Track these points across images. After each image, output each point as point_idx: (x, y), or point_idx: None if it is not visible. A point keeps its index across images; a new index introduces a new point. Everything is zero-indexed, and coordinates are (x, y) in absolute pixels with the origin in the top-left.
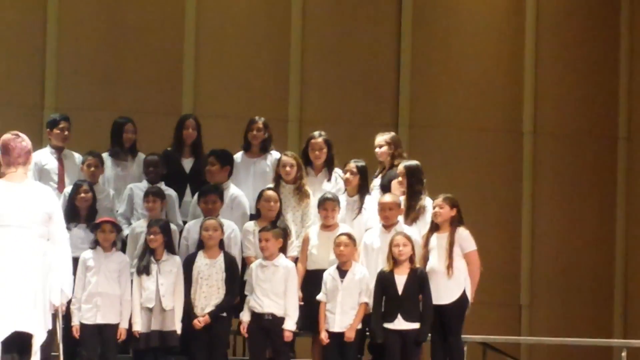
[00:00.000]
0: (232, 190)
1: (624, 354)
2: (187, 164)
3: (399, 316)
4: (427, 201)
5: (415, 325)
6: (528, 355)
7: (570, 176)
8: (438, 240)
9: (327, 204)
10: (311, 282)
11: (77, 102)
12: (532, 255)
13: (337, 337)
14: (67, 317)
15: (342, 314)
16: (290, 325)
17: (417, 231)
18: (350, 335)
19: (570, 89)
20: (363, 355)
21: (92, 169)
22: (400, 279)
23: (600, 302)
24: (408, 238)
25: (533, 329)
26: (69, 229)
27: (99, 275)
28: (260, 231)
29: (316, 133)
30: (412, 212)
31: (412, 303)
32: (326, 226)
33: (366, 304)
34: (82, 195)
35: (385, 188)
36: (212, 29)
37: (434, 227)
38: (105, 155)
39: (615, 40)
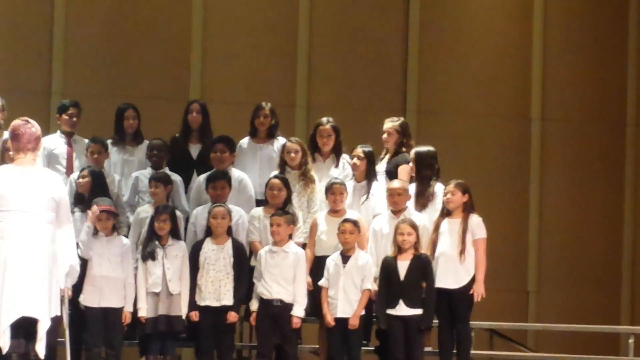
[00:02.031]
0: (237, 173)
1: (631, 340)
2: (195, 149)
3: (401, 302)
4: (437, 187)
5: (417, 311)
6: (535, 342)
7: (578, 163)
8: (450, 226)
9: (335, 189)
10: (319, 268)
11: (84, 88)
12: (539, 241)
13: (341, 323)
14: (73, 302)
15: (344, 299)
16: (298, 311)
17: (427, 217)
18: (354, 323)
19: (578, 76)
20: (370, 342)
21: (95, 155)
22: (403, 265)
23: (607, 288)
24: (412, 226)
25: (540, 315)
26: (72, 213)
27: (102, 260)
28: (272, 216)
29: (324, 119)
30: (422, 198)
31: (414, 289)
32: (334, 212)
33: (369, 290)
34: (80, 180)
35: (392, 174)
36: (220, 15)
37: (446, 212)
38: (110, 141)
39: (624, 26)
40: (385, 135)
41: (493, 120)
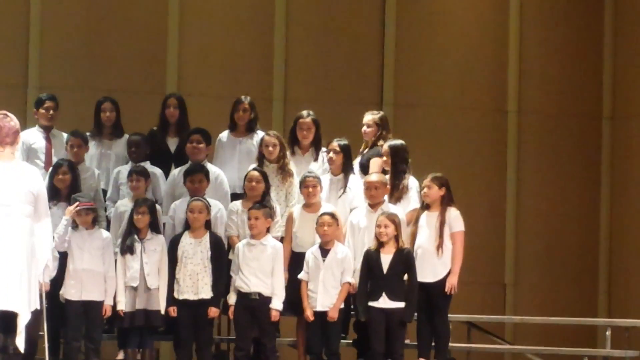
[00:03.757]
0: (213, 169)
1: (608, 333)
2: (173, 143)
3: (384, 295)
4: (410, 180)
5: (400, 305)
6: (512, 334)
7: (554, 155)
8: (428, 219)
9: (308, 182)
10: (295, 263)
11: (61, 81)
12: (516, 234)
13: (319, 316)
14: (52, 296)
15: (324, 293)
16: (277, 304)
17: (401, 210)
18: (334, 315)
19: (554, 68)
20: (348, 335)
21: (75, 149)
22: (386, 258)
23: (584, 281)
24: (391, 219)
25: (517, 308)
26: (49, 207)
27: (83, 253)
28: (250, 209)
29: (304, 112)
30: (396, 192)
31: (397, 282)
32: (308, 206)
33: (349, 283)
34: (60, 176)
35: (364, 167)
36: (196, 7)
37: (425, 206)
38: (88, 134)
39: (599, 18)
40: (365, 128)
41: (469, 113)
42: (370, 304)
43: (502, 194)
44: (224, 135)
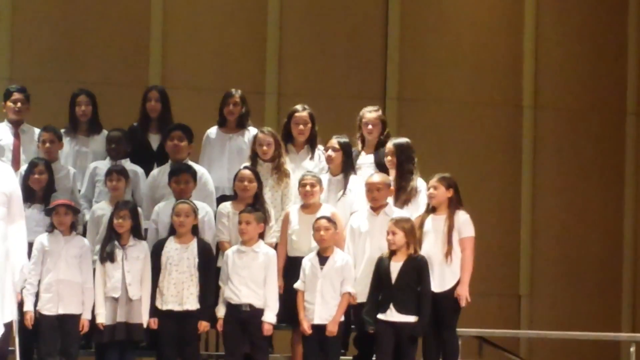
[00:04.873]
0: (196, 167)
1: (632, 349)
2: (154, 140)
3: (392, 307)
4: (419, 182)
5: (410, 319)
6: (528, 350)
7: (574, 154)
8: (434, 223)
9: (306, 179)
10: (291, 269)
11: (34, 74)
12: (532, 240)
13: (317, 330)
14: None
15: (322, 304)
16: (270, 317)
17: (408, 214)
18: (333, 330)
19: (574, 60)
20: (347, 350)
21: (47, 145)
22: (395, 267)
23: (606, 292)
24: (400, 225)
25: (533, 321)
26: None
27: (59, 262)
28: (241, 212)
29: (299, 107)
30: (403, 194)
31: (407, 294)
32: (306, 207)
33: (349, 294)
34: (36, 176)
35: (383, 166)
36: None
37: (431, 209)
38: (63, 131)
39: (623, 6)
40: (370, 127)
41: (481, 108)
42: (379, 316)
43: (516, 196)
44: (213, 131)
